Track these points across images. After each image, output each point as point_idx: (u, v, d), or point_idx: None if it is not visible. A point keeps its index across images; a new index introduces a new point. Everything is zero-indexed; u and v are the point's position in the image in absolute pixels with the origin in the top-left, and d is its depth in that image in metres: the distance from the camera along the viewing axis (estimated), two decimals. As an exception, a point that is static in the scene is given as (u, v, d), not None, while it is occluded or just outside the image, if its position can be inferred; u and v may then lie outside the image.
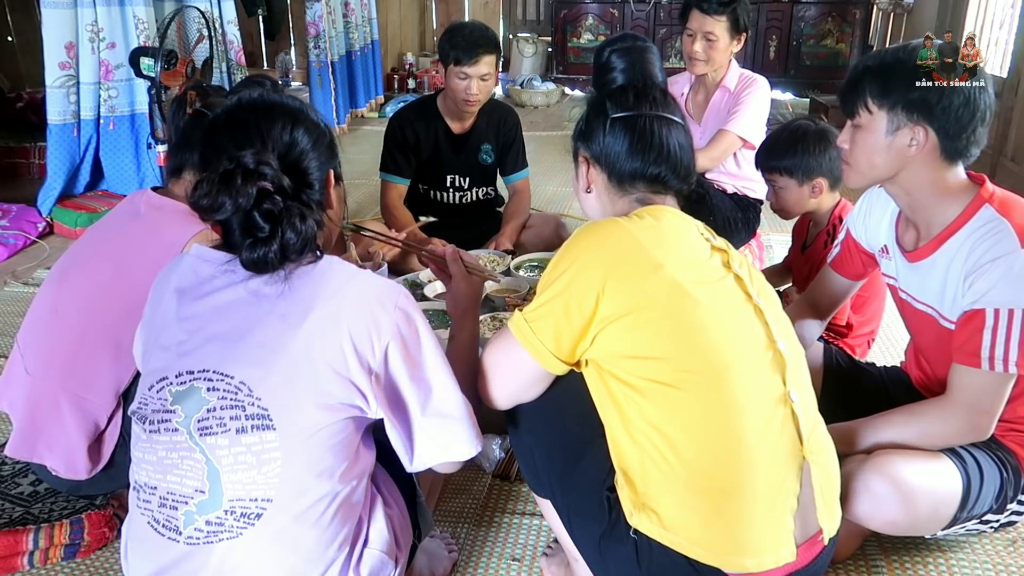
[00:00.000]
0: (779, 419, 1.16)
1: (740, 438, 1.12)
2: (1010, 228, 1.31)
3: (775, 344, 1.19)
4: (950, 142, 1.34)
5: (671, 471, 1.13)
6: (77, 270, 1.60)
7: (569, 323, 1.16)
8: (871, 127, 1.37)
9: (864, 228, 1.66)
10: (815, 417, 1.24)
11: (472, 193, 2.91)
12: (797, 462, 1.17)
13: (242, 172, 1.05)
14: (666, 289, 1.13)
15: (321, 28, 5.54)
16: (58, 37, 3.65)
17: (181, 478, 1.09)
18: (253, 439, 1.07)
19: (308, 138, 1.16)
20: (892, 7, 6.43)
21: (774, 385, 1.17)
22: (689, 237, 1.22)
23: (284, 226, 1.07)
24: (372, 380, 1.11)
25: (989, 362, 1.31)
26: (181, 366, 1.11)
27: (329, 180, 1.21)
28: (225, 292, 1.12)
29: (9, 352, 2.53)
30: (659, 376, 1.13)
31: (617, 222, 1.19)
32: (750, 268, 1.26)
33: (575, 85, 7.87)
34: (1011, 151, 4.12)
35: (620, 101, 1.29)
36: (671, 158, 1.27)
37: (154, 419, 1.11)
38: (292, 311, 1.09)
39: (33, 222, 3.68)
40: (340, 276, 1.14)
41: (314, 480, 1.09)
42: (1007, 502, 1.46)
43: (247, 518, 1.08)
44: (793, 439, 1.17)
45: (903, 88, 1.33)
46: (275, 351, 1.08)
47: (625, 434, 1.16)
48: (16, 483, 1.74)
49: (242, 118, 1.15)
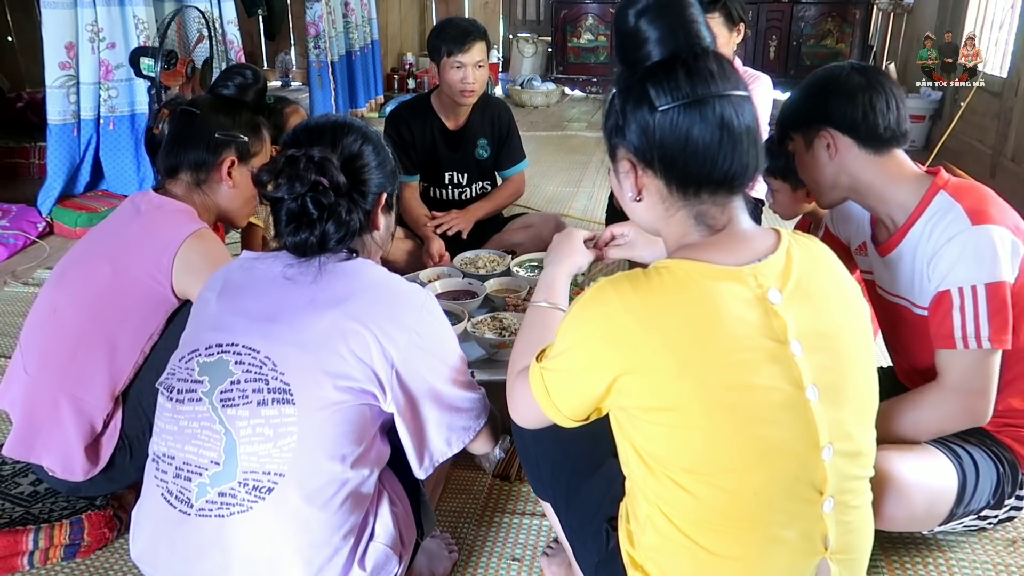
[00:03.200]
0: (800, 527, 1.02)
1: (753, 544, 1.01)
2: (960, 209, 1.36)
3: (819, 452, 1.00)
4: (853, 130, 1.41)
5: (673, 543, 1.04)
6: (76, 270, 1.60)
7: (581, 398, 1.04)
8: (798, 151, 1.51)
9: (844, 226, 1.70)
10: (860, 520, 1.09)
11: (471, 189, 2.92)
12: (814, 561, 1.04)
13: (306, 159, 1.16)
14: (686, 397, 0.96)
15: (321, 28, 5.54)
16: (58, 37, 3.65)
17: (199, 448, 1.15)
18: (273, 412, 1.12)
19: (374, 157, 1.26)
20: (892, 7, 6.43)
21: (805, 498, 1.01)
22: (726, 309, 0.97)
23: (329, 217, 1.18)
24: (392, 374, 1.17)
25: (963, 341, 1.34)
26: (212, 339, 1.18)
27: (380, 201, 1.28)
28: (262, 274, 1.22)
29: (10, 352, 2.56)
30: (677, 478, 1.00)
31: (625, 304, 0.98)
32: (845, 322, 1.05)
33: (575, 85, 7.88)
34: (1011, 151, 4.11)
35: (668, 84, 0.99)
36: (742, 150, 1.00)
37: (181, 388, 1.18)
38: (323, 298, 1.17)
39: (33, 222, 3.68)
40: (372, 275, 1.22)
41: (326, 461, 1.13)
42: (1004, 498, 1.47)
43: (259, 491, 1.12)
44: (815, 545, 1.03)
45: (797, 109, 1.49)
46: (303, 331, 1.15)
47: (642, 494, 1.06)
48: (16, 483, 1.74)
49: (322, 126, 1.26)
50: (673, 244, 1.08)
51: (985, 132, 4.41)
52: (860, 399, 1.06)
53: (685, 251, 1.04)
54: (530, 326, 1.28)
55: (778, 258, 1.02)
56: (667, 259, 1.04)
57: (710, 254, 1.02)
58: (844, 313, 1.06)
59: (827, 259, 1.09)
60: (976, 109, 4.39)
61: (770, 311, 0.99)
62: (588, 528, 1.21)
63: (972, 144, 4.50)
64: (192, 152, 1.62)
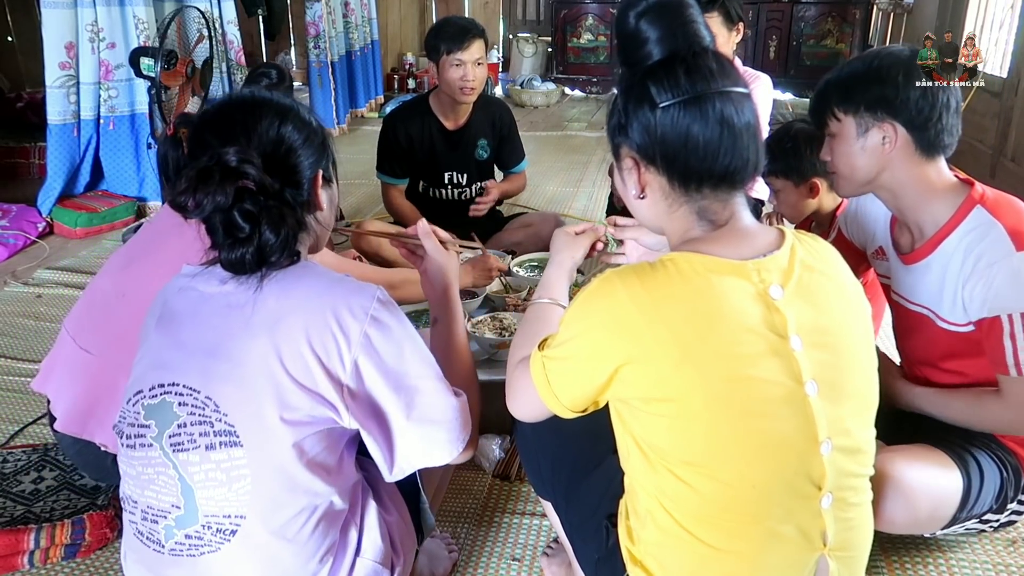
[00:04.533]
0: (798, 523, 1.02)
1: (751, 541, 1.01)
2: (1002, 230, 1.33)
3: (817, 447, 1.00)
4: (920, 134, 1.37)
5: (674, 537, 1.04)
6: (145, 259, 1.62)
7: (582, 387, 1.04)
8: (843, 134, 1.42)
9: (857, 227, 1.68)
10: (860, 518, 1.09)
11: (471, 189, 2.92)
12: (813, 557, 1.04)
13: (222, 169, 1.01)
14: (688, 388, 0.96)
15: (321, 28, 5.54)
16: (58, 37, 3.65)
17: (157, 493, 1.08)
18: (222, 456, 1.04)
19: (297, 136, 1.11)
20: (892, 7, 6.43)
21: (803, 493, 1.01)
22: (729, 302, 0.98)
23: (263, 227, 1.03)
24: (343, 392, 1.06)
25: (1016, 368, 1.33)
26: (154, 379, 1.08)
27: (317, 181, 1.15)
28: (199, 298, 1.10)
29: (10, 352, 2.55)
30: (677, 470, 1.00)
31: (631, 294, 0.98)
32: (844, 320, 1.05)
33: (575, 85, 7.88)
34: (1011, 151, 4.12)
35: (668, 82, 1.01)
36: (742, 146, 1.02)
37: (130, 433, 1.10)
38: (257, 322, 1.05)
39: (33, 222, 3.68)
40: (309, 284, 1.08)
41: (288, 495, 1.06)
42: (1007, 502, 1.46)
43: (223, 534, 1.06)
44: (813, 542, 1.03)
45: (861, 90, 1.38)
46: (240, 365, 1.04)
47: (642, 489, 1.07)
48: (18, 481, 1.74)
49: (229, 114, 1.11)
50: (676, 239, 1.09)
51: (985, 132, 4.41)
52: (859, 396, 1.06)
53: (689, 244, 1.05)
54: (531, 321, 1.27)
55: (782, 254, 1.03)
56: (672, 252, 1.04)
57: (714, 248, 1.02)
58: (845, 312, 1.06)
59: (831, 258, 1.09)
60: (976, 109, 4.39)
61: (771, 306, 0.99)
62: (588, 525, 1.21)
63: (972, 144, 4.50)
64: None
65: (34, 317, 2.83)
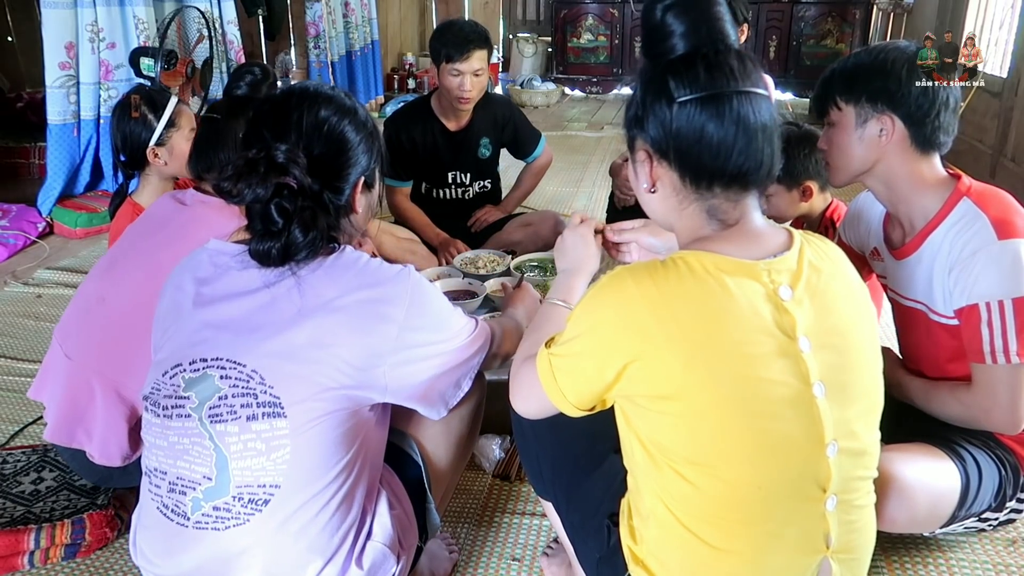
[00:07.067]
0: (802, 525, 1.02)
1: (752, 540, 1.01)
2: (986, 220, 1.35)
3: (823, 449, 1.00)
4: (916, 129, 1.39)
5: (677, 536, 1.04)
6: (126, 261, 1.62)
7: (589, 384, 1.04)
8: (842, 123, 1.45)
9: (855, 232, 1.70)
10: (863, 520, 1.09)
11: (473, 188, 2.93)
12: (816, 559, 1.04)
13: (267, 163, 1.06)
14: (695, 386, 0.96)
15: (321, 28, 5.55)
16: (58, 37, 3.65)
17: (191, 463, 1.11)
18: (263, 426, 1.09)
19: (351, 138, 1.16)
20: (892, 7, 6.43)
21: (808, 494, 1.01)
22: (739, 302, 0.97)
23: (294, 225, 1.08)
24: (386, 371, 1.13)
25: (991, 356, 1.34)
26: (195, 354, 1.13)
27: (358, 186, 1.19)
28: (239, 282, 1.14)
29: (10, 352, 2.56)
30: (681, 469, 1.00)
31: (642, 291, 0.98)
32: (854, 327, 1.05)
33: (575, 85, 7.88)
34: (1011, 151, 4.12)
35: (688, 77, 1.00)
36: (756, 147, 1.01)
37: (167, 404, 1.13)
38: (306, 302, 1.10)
39: (33, 222, 3.68)
40: (355, 269, 1.14)
41: (321, 468, 1.11)
42: (1006, 500, 1.47)
43: (254, 504, 1.09)
44: (817, 544, 1.03)
45: (865, 81, 1.40)
46: (290, 341, 1.09)
47: (646, 488, 1.07)
48: (18, 481, 1.74)
49: (287, 108, 1.14)
50: (686, 237, 1.09)
51: (985, 132, 4.41)
52: (866, 398, 1.06)
53: (700, 243, 1.04)
54: (543, 321, 1.27)
55: (791, 256, 1.03)
56: (682, 251, 1.04)
57: (725, 247, 1.02)
58: (853, 314, 1.06)
59: (839, 260, 1.09)
60: (976, 109, 4.40)
61: (780, 307, 0.99)
62: (589, 524, 1.21)
63: (972, 144, 4.50)
64: (222, 153, 1.70)
65: (34, 317, 2.84)
